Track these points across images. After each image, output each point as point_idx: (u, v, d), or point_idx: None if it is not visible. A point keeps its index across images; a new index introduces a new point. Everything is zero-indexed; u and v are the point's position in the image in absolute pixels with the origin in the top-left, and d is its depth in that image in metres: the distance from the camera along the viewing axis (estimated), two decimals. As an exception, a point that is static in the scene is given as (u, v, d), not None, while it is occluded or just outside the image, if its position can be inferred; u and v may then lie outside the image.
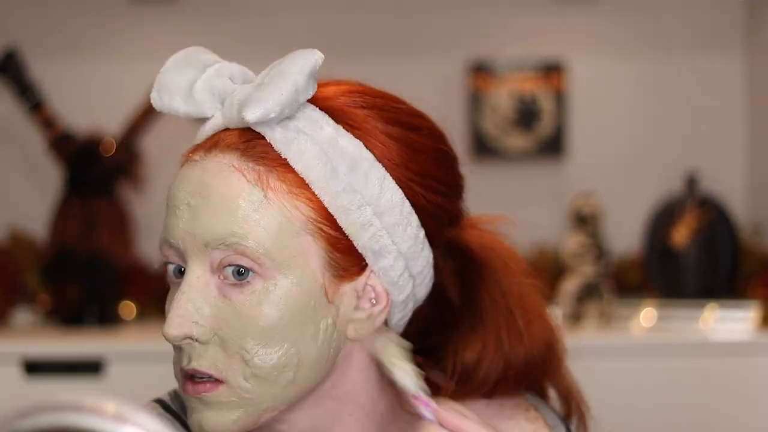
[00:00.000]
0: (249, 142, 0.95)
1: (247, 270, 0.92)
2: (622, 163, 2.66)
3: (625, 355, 2.11)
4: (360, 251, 0.94)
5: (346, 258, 0.94)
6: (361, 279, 0.95)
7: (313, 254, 0.93)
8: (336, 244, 0.94)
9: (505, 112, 2.60)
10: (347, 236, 0.94)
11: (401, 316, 1.00)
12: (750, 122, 2.66)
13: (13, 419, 0.62)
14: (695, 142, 2.67)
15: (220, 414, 0.93)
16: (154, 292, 2.50)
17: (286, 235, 0.92)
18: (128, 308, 2.44)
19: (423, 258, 0.98)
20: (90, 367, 2.05)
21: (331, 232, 0.93)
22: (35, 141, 2.51)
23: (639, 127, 2.67)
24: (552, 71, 2.60)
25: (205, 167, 0.96)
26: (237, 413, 0.93)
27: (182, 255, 0.96)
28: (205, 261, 0.94)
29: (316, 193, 0.93)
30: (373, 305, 0.96)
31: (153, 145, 2.55)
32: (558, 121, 2.60)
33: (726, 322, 2.30)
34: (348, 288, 0.94)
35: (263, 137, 0.94)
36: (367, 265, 0.95)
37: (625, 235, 2.61)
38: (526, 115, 2.60)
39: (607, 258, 2.41)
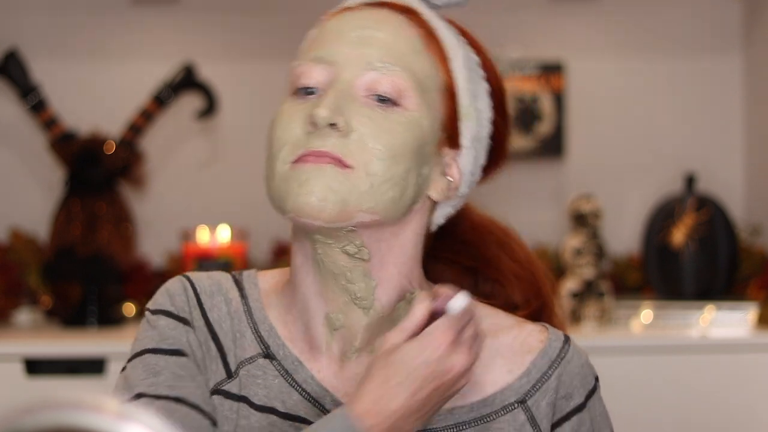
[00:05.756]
0: (410, 12, 1.12)
1: (391, 100, 1.07)
2: (621, 163, 2.67)
3: (624, 355, 2.11)
4: (462, 131, 1.12)
5: (455, 129, 1.12)
6: (454, 153, 1.12)
7: (439, 111, 1.10)
8: (452, 114, 1.11)
9: (504, 113, 2.61)
10: (459, 116, 1.12)
11: (446, 213, 1.16)
12: (748, 123, 2.66)
13: (14, 417, 0.62)
14: (694, 142, 2.67)
15: (330, 189, 1.04)
16: (154, 292, 2.50)
17: (431, 83, 1.09)
18: (129, 308, 2.44)
19: (478, 175, 1.16)
20: (91, 367, 2.05)
21: (452, 104, 1.11)
22: (36, 141, 2.52)
23: (638, 127, 2.67)
24: (551, 72, 2.60)
25: (373, 13, 1.11)
26: (343, 197, 1.04)
27: (331, 71, 1.08)
28: (360, 77, 1.07)
29: (452, 69, 1.12)
30: (450, 182, 1.12)
31: (153, 145, 2.55)
32: (557, 121, 2.61)
33: (724, 322, 2.30)
34: (446, 153, 1.11)
35: (418, 14, 1.12)
36: (460, 146, 1.12)
37: (625, 236, 2.62)
38: (526, 115, 2.60)
39: (607, 258, 2.42)
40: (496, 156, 1.19)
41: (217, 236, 2.37)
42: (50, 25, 2.61)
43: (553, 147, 2.61)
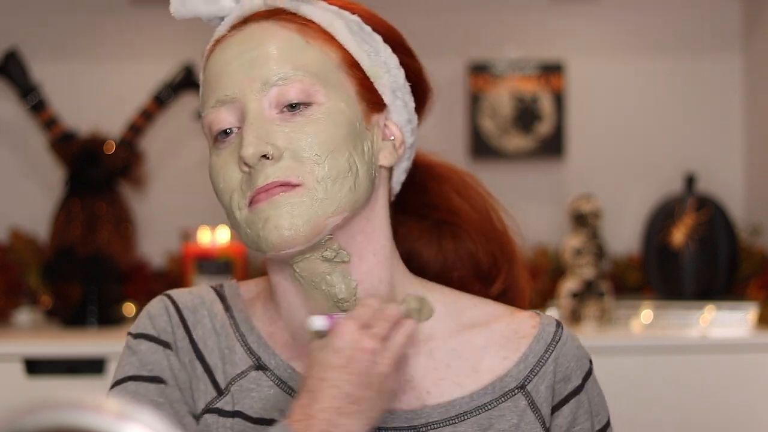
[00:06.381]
0: (276, 14, 1.12)
1: (302, 104, 1.07)
2: (621, 163, 2.66)
3: (624, 355, 2.11)
4: (380, 90, 1.13)
5: (373, 93, 1.12)
6: (383, 114, 1.13)
7: (349, 86, 1.11)
8: (363, 81, 1.12)
9: (505, 112, 2.60)
10: (369, 79, 1.12)
11: (405, 167, 1.19)
12: (748, 123, 2.66)
13: (14, 417, 0.62)
14: (694, 142, 2.67)
15: (293, 215, 1.05)
16: (154, 292, 2.50)
17: (327, 68, 1.10)
18: (129, 308, 2.44)
19: (414, 119, 1.17)
20: (91, 367, 2.05)
21: (358, 73, 1.12)
22: (36, 141, 2.52)
23: (638, 127, 2.67)
24: (552, 71, 2.60)
25: (245, 34, 1.12)
26: (308, 215, 1.05)
27: (237, 106, 1.09)
28: (263, 98, 1.08)
29: (340, 41, 1.12)
30: (393, 141, 1.14)
31: (153, 145, 2.55)
32: (557, 121, 2.61)
33: (724, 322, 2.30)
34: (376, 119, 1.12)
35: (285, 11, 1.12)
36: (386, 105, 1.13)
37: (625, 236, 2.62)
38: (526, 115, 2.60)
39: (607, 258, 2.42)
40: (421, 91, 1.20)
41: (217, 236, 2.37)
42: (50, 25, 2.61)
43: (553, 147, 2.61)
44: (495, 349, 1.12)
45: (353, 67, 1.12)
